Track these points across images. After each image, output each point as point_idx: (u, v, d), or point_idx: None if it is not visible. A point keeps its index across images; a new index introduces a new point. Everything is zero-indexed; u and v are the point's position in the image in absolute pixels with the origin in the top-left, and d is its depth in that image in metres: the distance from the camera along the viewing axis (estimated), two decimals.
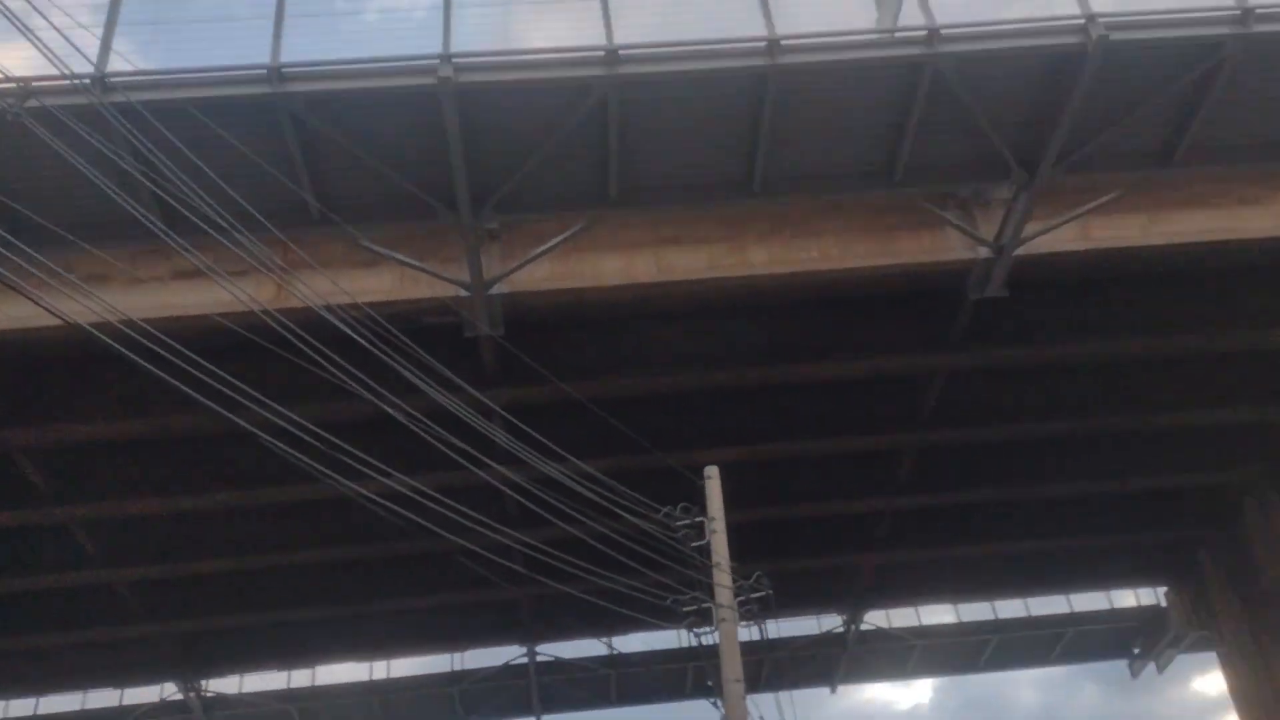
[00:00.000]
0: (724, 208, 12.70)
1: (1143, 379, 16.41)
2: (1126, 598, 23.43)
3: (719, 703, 9.24)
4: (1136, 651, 24.26)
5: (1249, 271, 14.85)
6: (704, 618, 9.92)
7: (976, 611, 23.14)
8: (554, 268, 12.94)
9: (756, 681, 22.78)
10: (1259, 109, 11.77)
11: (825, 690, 24.27)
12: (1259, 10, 10.60)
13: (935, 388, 15.89)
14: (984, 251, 12.99)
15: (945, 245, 13.25)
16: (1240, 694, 20.32)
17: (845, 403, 16.44)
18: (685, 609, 9.63)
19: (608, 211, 12.00)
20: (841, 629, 22.49)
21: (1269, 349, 15.85)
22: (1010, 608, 23.30)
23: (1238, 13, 10.64)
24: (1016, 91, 11.26)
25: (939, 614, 23.30)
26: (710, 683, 9.16)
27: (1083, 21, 10.57)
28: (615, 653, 22.01)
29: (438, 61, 10.15)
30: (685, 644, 21.66)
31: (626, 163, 11.38)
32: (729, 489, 17.13)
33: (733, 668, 8.95)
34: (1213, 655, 21.74)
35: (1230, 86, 11.30)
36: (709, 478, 10.54)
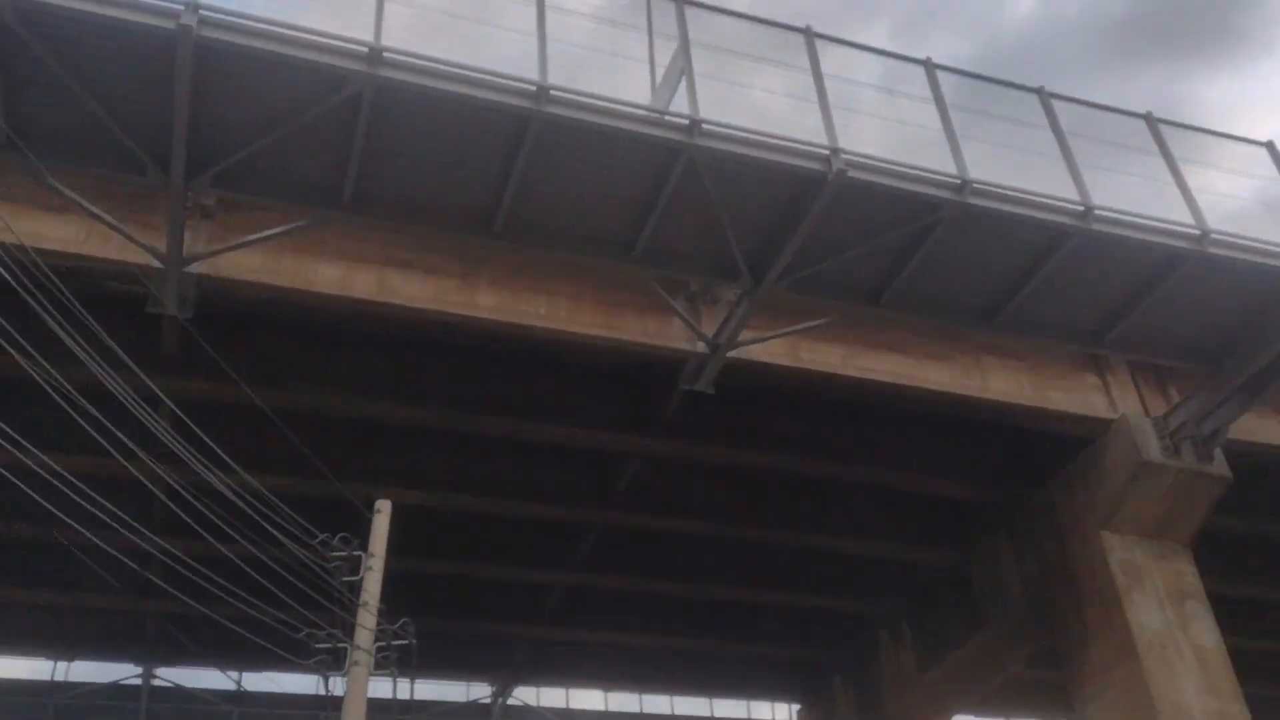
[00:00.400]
0: (461, 244, 12.37)
1: (814, 500, 17.31)
2: (764, 709, 24.38)
3: None
4: None
5: (924, 420, 16.11)
6: (339, 660, 9.22)
7: (625, 701, 23.30)
8: (267, 261, 12.07)
9: None
10: (958, 273, 12.84)
11: None
12: (974, 184, 11.61)
13: (630, 470, 16.06)
14: (701, 346, 13.32)
15: (668, 332, 13.48)
16: None
17: (542, 468, 16.30)
18: (318, 645, 8.90)
19: (339, 216, 11.36)
20: (489, 700, 21.98)
21: (928, 494, 17.18)
22: (657, 703, 23.65)
23: (958, 182, 11.61)
24: (760, 201, 11.72)
25: (588, 699, 23.28)
26: None
27: (828, 153, 11.19)
28: (241, 689, 20.37)
29: (183, 8, 9.33)
30: (321, 691, 20.41)
31: (369, 169, 10.86)
32: (407, 535, 16.33)
33: (355, 715, 8.31)
34: None
35: (938, 246, 12.26)
36: (379, 511, 9.96)
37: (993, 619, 17.52)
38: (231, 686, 20.42)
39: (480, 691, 22.13)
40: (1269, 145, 13.93)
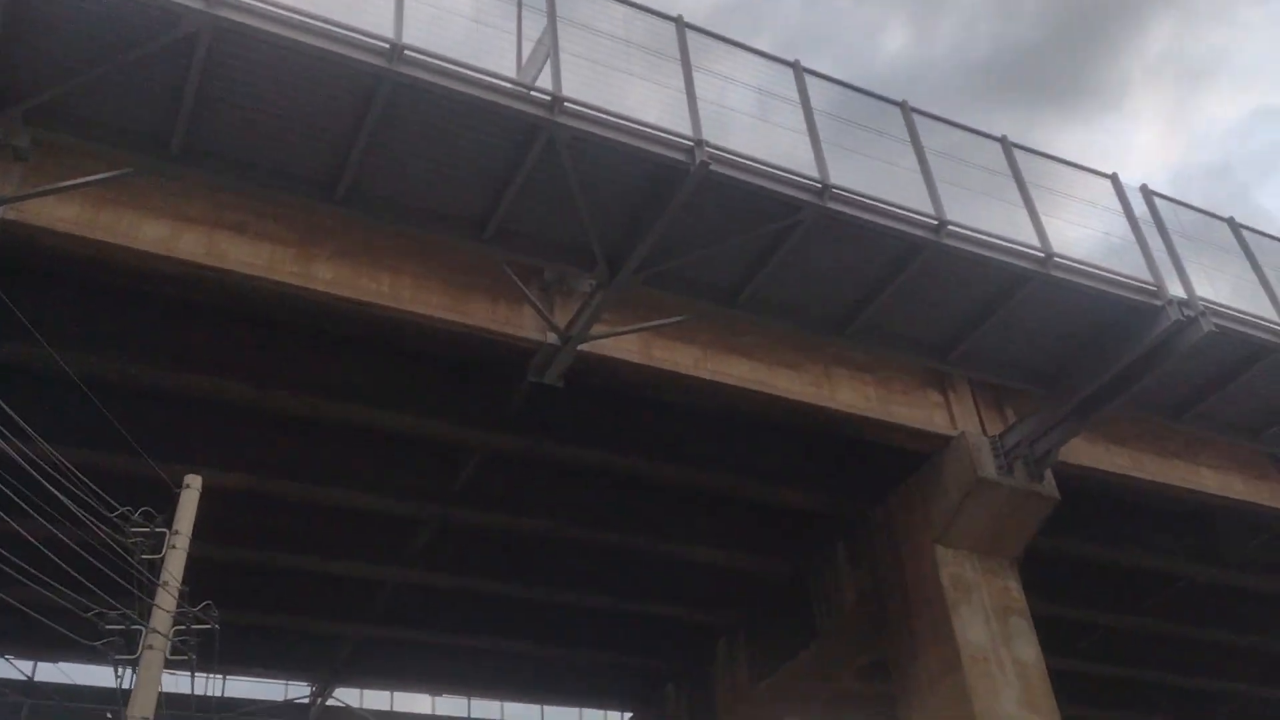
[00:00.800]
0: (301, 211, 11.67)
1: (657, 505, 17.09)
2: (596, 716, 24.03)
3: None
4: None
5: (772, 429, 16.07)
6: (133, 645, 8.40)
7: (453, 706, 22.61)
8: (84, 212, 11.08)
9: None
10: (814, 280, 12.81)
11: None
12: (835, 189, 11.57)
13: (472, 464, 15.50)
14: (552, 338, 12.89)
15: (518, 321, 13.02)
16: None
17: (378, 457, 15.56)
18: (109, 626, 8.07)
19: (167, 168, 10.48)
20: (307, 700, 20.94)
21: (769, 503, 17.18)
22: (486, 708, 23.04)
23: (819, 186, 11.55)
24: (621, 189, 11.40)
25: (415, 702, 22.48)
26: None
27: (692, 145, 10.96)
28: (33, 680, 18.80)
29: None
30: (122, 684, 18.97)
31: (202, 119, 10.05)
32: (228, 521, 15.48)
33: (145, 705, 7.54)
34: None
35: (797, 251, 12.19)
36: (187, 487, 9.16)
37: (827, 630, 17.63)
38: (22, 676, 18.82)
39: (299, 691, 21.07)
40: (1113, 177, 14.42)
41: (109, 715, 7.62)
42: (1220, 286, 14.53)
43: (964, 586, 15.29)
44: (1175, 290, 13.63)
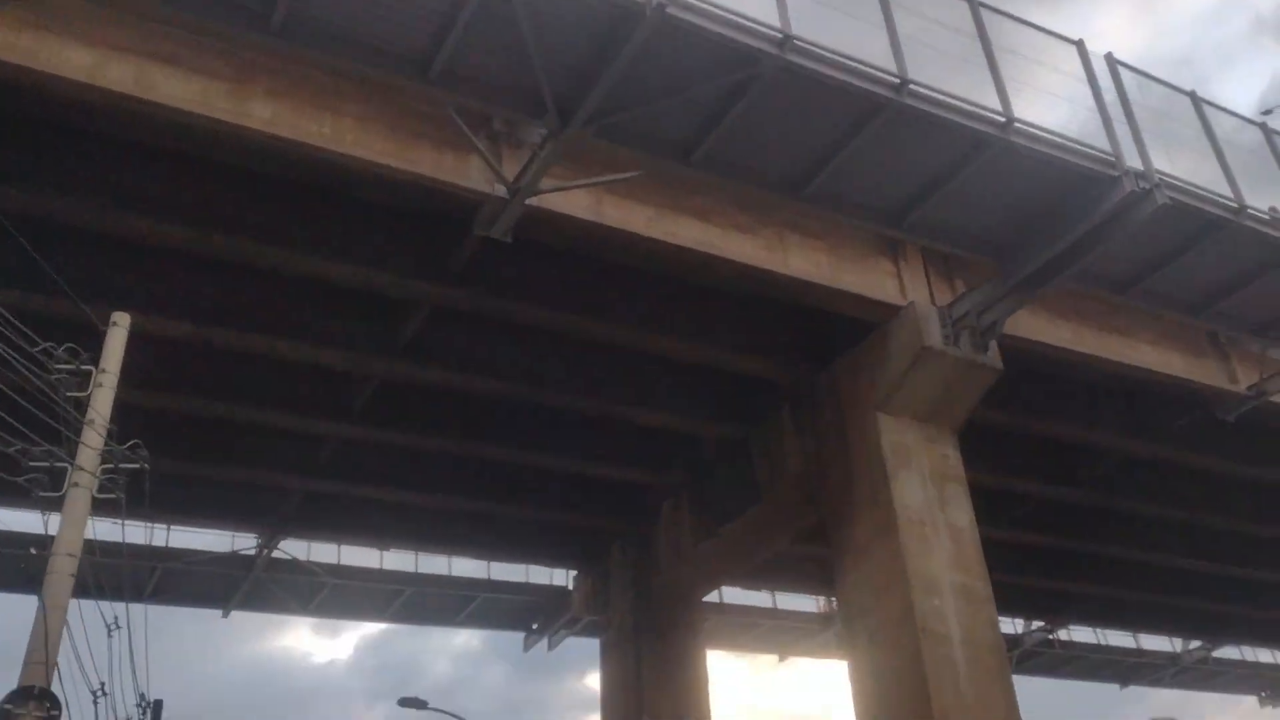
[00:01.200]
0: (236, 44, 11.07)
1: (607, 365, 17.04)
2: (542, 574, 24.48)
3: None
4: (535, 627, 25.45)
5: (723, 294, 15.99)
6: (58, 484, 8.22)
7: (401, 560, 22.89)
8: (6, 35, 10.43)
9: (144, 589, 20.64)
10: (771, 137, 12.53)
11: (231, 629, 22.64)
12: (797, 41, 11.19)
13: (418, 319, 15.27)
14: (500, 190, 12.52)
15: (465, 171, 12.60)
16: (610, 682, 21.75)
17: (321, 308, 15.27)
18: (33, 464, 7.88)
19: None
20: (253, 551, 21.06)
21: (718, 368, 17.21)
22: (434, 563, 23.36)
23: (780, 36, 11.16)
24: (574, 32, 10.93)
25: (363, 556, 22.70)
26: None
27: None
28: None
29: None
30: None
31: None
32: (167, 369, 15.19)
33: (71, 542, 7.42)
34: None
35: (755, 106, 11.87)
36: (115, 324, 8.86)
37: (769, 494, 17.91)
38: None
39: (246, 543, 21.17)
40: (1079, 44, 14.12)
41: (33, 550, 7.47)
42: (1179, 162, 14.47)
43: (904, 453, 15.52)
44: (1133, 163, 13.53)
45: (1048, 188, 13.70)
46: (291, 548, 21.57)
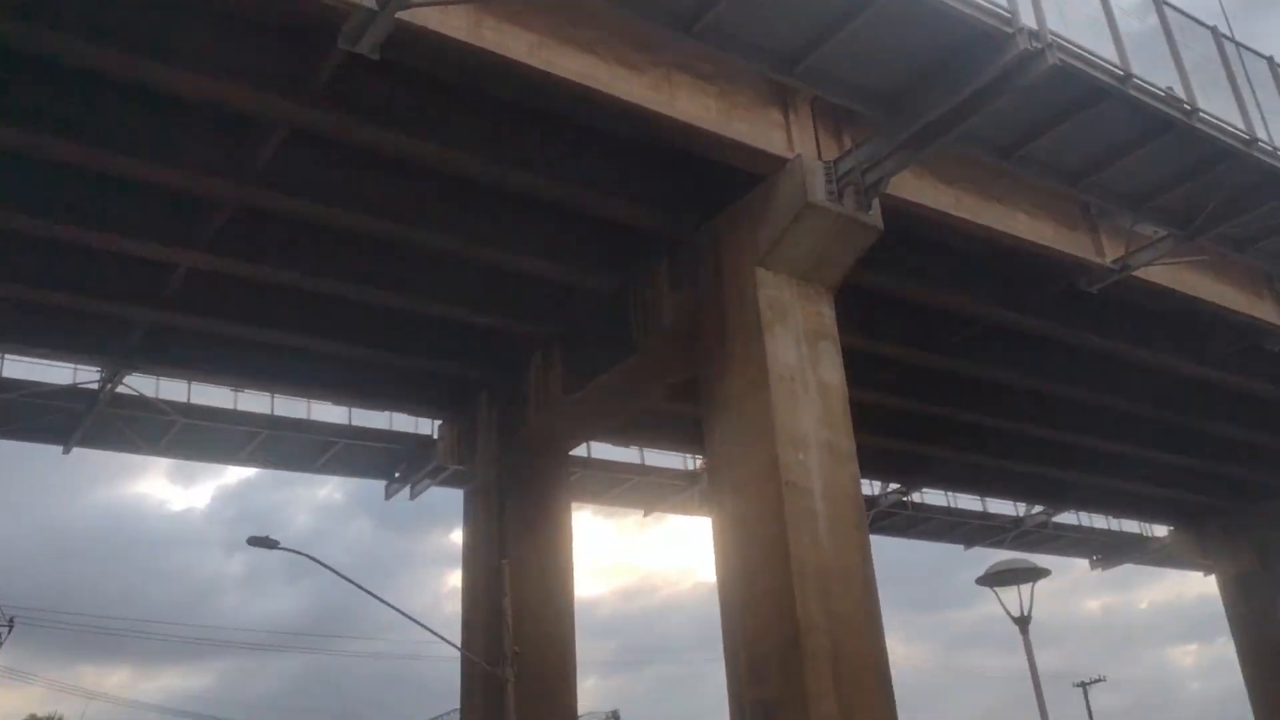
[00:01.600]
0: None
1: (479, 205, 16.28)
2: (406, 422, 23.96)
3: None
4: (397, 475, 25.05)
5: (605, 136, 15.31)
6: None
7: (256, 401, 21.99)
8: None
9: None
10: None
11: (80, 473, 21.45)
12: None
13: (275, 141, 14.16)
14: (369, 1, 11.48)
15: None
16: (473, 532, 21.44)
17: (170, 123, 14.00)
18: None
19: None
20: (95, 385, 19.85)
21: (596, 215, 16.63)
22: (293, 407, 22.55)
23: None
24: None
25: (216, 396, 21.72)
26: None
27: None
28: None
29: None
30: None
31: None
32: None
33: None
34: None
35: None
36: None
37: (643, 347, 17.65)
38: None
39: (89, 376, 19.93)
40: None
41: None
42: (1073, 29, 14.25)
43: (780, 309, 15.39)
44: (1028, 21, 13.25)
45: (941, 42, 13.34)
46: (140, 384, 20.46)
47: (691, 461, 27.60)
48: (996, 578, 14.44)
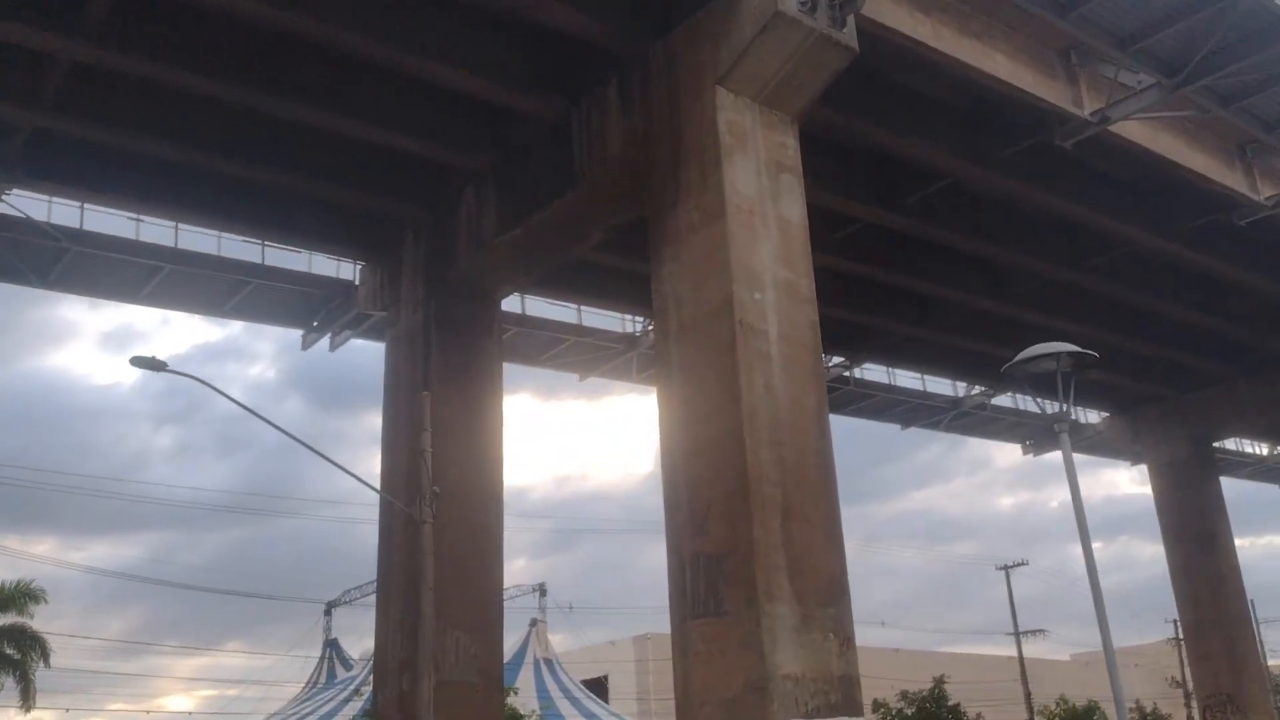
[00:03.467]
0: None
1: (417, 9, 14.45)
2: (327, 266, 22.21)
3: None
4: (315, 324, 23.38)
5: None
6: None
7: (159, 234, 20.00)
8: None
9: None
10: None
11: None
12: None
13: None
14: None
15: None
16: (394, 381, 20.00)
17: None
18: None
19: None
20: None
21: (539, 24, 14.88)
22: (201, 242, 20.60)
23: None
24: None
25: (115, 225, 19.70)
26: None
27: None
28: None
29: None
30: None
31: None
32: None
33: None
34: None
35: None
36: None
37: (587, 179, 16.11)
38: None
39: None
40: None
41: None
42: None
43: (740, 135, 13.97)
44: None
45: None
46: (26, 205, 18.39)
47: (631, 324, 26.31)
48: (1026, 364, 12.72)
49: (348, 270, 22.16)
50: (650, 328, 26.05)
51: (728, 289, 13.12)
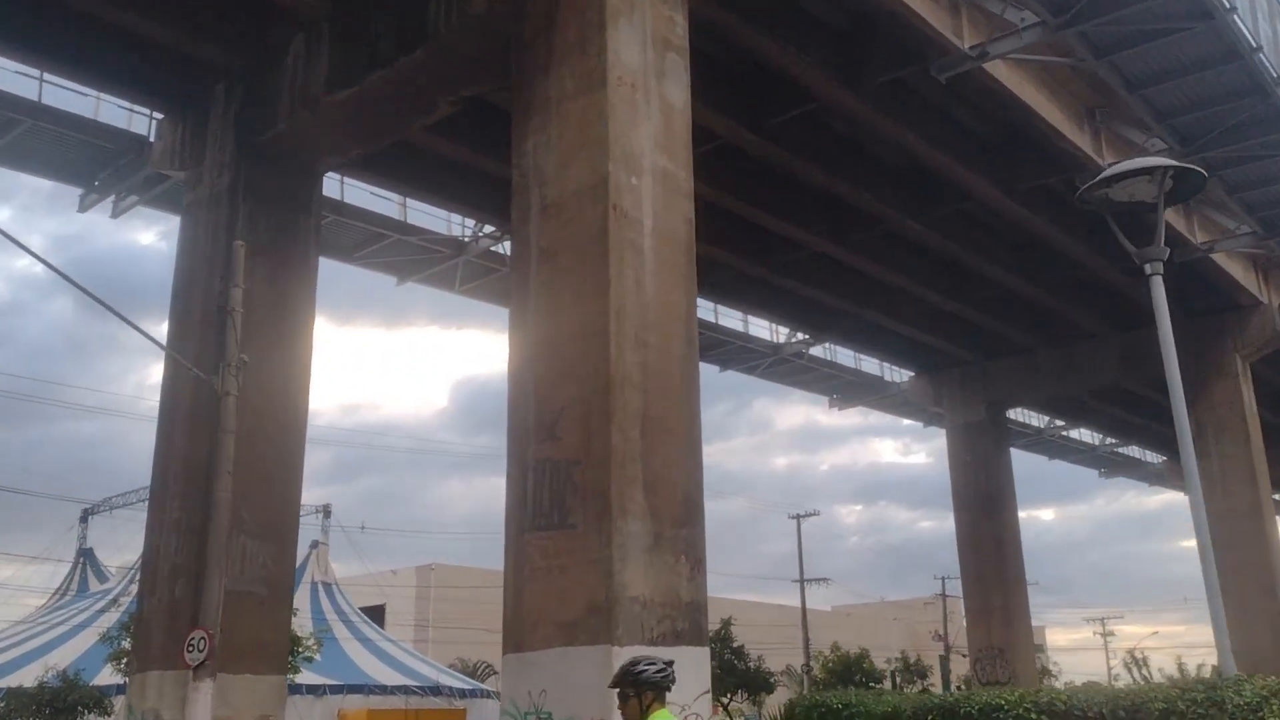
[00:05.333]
0: None
1: None
2: (117, 115, 19.16)
3: None
4: (97, 182, 20.28)
5: None
6: None
7: None
8: None
9: None
10: None
11: None
12: None
13: None
14: None
15: None
16: (190, 253, 17.35)
17: None
18: None
19: None
20: None
21: None
22: None
23: None
24: None
25: None
26: None
27: None
28: None
29: None
30: None
31: None
32: None
33: None
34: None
35: None
36: None
37: (443, 35, 14.19)
38: None
39: None
40: None
41: None
42: None
43: (628, 1, 12.45)
44: None
45: None
46: None
47: (461, 227, 24.38)
48: (1117, 182, 10.24)
49: (141, 124, 19.23)
50: (482, 233, 24.27)
51: (603, 168, 11.65)
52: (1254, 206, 24.07)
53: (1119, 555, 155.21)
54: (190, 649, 10.75)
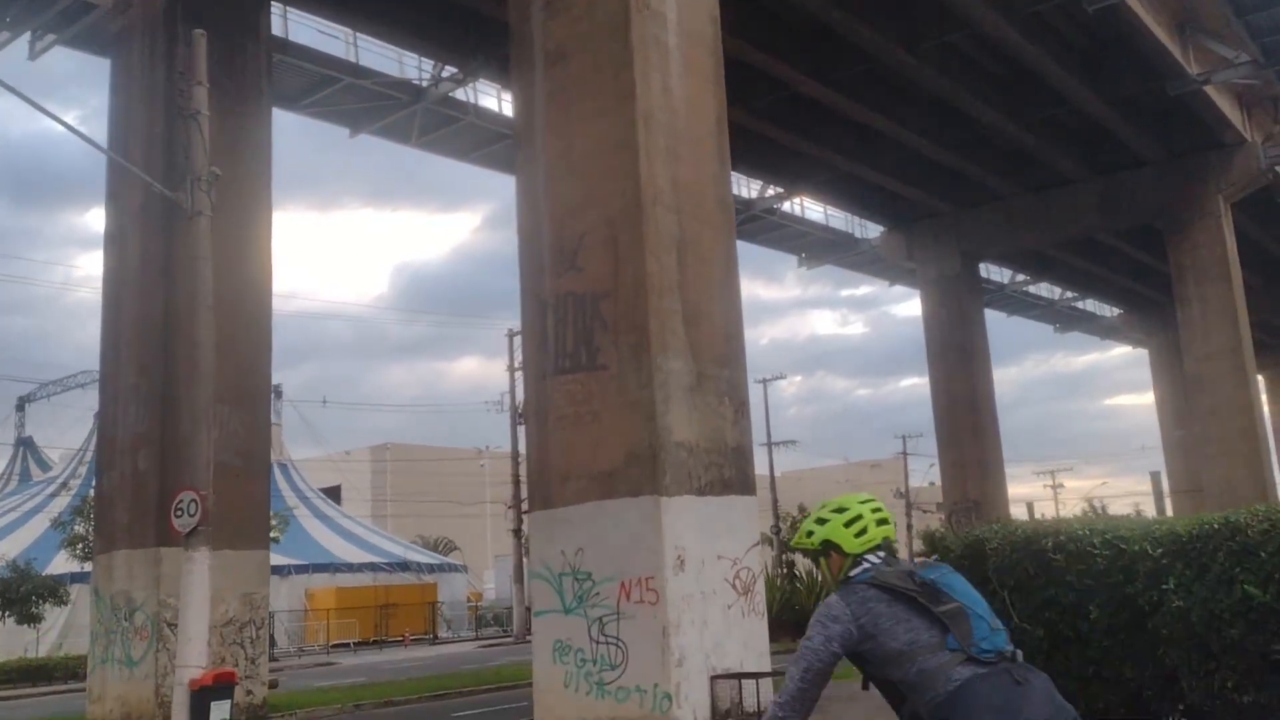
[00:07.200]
0: None
1: None
2: None
3: None
4: (8, 19, 17.82)
5: None
6: None
7: None
8: None
9: None
10: None
11: None
12: None
13: None
14: None
15: None
16: (124, 98, 15.41)
17: None
18: None
19: None
20: None
21: None
22: None
23: None
24: None
25: None
26: None
27: None
28: None
29: None
30: None
31: None
32: None
33: None
34: None
35: None
36: None
37: None
38: None
39: None
40: None
41: None
42: None
43: None
44: None
45: None
46: None
47: (418, 68, 22.25)
48: None
49: None
50: (442, 75, 22.22)
51: None
52: (1258, 31, 22.87)
53: (1045, 414, 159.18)
54: (179, 513, 9.35)
